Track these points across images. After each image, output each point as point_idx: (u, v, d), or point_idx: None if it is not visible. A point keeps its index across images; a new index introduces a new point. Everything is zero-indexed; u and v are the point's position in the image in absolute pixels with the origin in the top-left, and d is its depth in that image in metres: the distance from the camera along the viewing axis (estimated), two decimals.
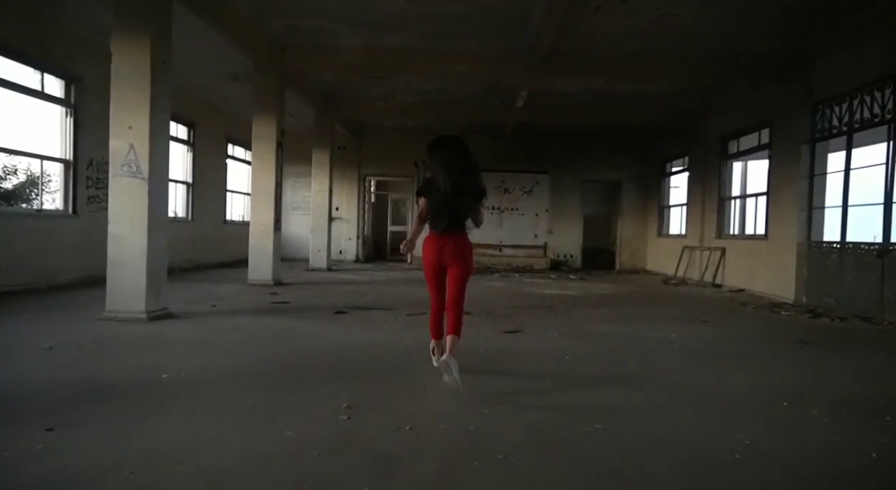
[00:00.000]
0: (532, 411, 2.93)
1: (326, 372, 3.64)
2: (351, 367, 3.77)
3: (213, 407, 2.87)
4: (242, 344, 4.37)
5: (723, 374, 3.87)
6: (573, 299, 8.09)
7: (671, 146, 13.49)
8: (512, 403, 3.06)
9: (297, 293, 7.77)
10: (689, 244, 11.95)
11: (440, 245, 3.45)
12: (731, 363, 4.20)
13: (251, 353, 4.07)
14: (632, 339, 5.13)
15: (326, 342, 4.55)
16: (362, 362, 3.93)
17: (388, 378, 3.53)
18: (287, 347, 4.32)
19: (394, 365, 3.89)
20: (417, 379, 3.53)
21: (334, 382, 3.38)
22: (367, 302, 7.11)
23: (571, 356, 4.29)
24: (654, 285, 10.90)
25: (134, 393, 3.03)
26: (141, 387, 3.15)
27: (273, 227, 8.54)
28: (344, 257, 15.02)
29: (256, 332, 4.90)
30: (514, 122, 12.53)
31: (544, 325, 5.76)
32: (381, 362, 3.95)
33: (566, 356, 4.28)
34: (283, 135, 8.83)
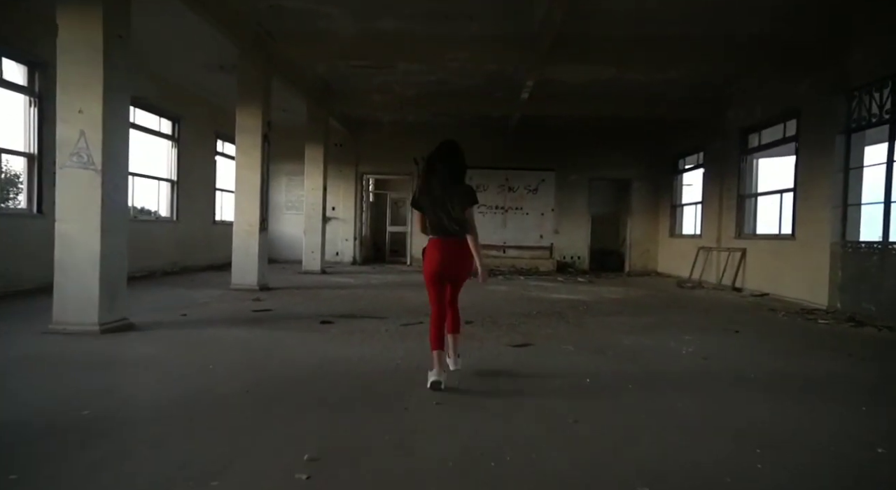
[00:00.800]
0: (553, 464, 2.25)
1: (293, 403, 2.97)
2: (325, 396, 3.10)
3: (130, 463, 2.19)
4: (200, 364, 3.70)
5: (789, 410, 3.15)
6: (584, 305, 7.41)
7: (684, 141, 12.78)
8: (525, 459, 2.36)
9: (283, 299, 7.11)
10: (704, 245, 11.24)
11: (441, 253, 3.41)
12: (791, 394, 3.49)
13: (206, 378, 3.40)
14: (659, 354, 4.44)
15: (302, 360, 3.88)
16: (340, 389, 3.25)
17: (369, 413, 2.85)
18: (253, 368, 3.64)
19: (379, 393, 3.20)
20: (406, 414, 2.85)
21: (300, 419, 2.71)
22: (359, 309, 6.44)
23: (594, 379, 3.60)
24: (668, 289, 10.20)
25: (36, 438, 2.36)
26: (49, 428, 2.48)
27: (259, 227, 7.87)
28: (341, 259, 14.36)
29: (223, 347, 4.22)
30: (519, 115, 11.84)
31: (556, 336, 5.08)
32: (364, 389, 3.28)
33: (587, 379, 3.59)
34: (271, 127, 8.17)
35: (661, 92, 10.61)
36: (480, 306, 6.78)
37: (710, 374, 3.88)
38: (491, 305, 7.04)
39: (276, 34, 7.73)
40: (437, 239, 3.43)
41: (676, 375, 3.79)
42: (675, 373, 3.87)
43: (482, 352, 4.34)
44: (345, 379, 3.44)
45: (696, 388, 3.48)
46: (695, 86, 10.14)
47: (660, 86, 10.25)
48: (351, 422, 2.70)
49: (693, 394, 3.35)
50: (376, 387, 3.30)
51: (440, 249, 3.40)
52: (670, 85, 10.15)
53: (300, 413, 2.80)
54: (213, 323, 5.21)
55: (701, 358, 4.33)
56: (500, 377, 3.62)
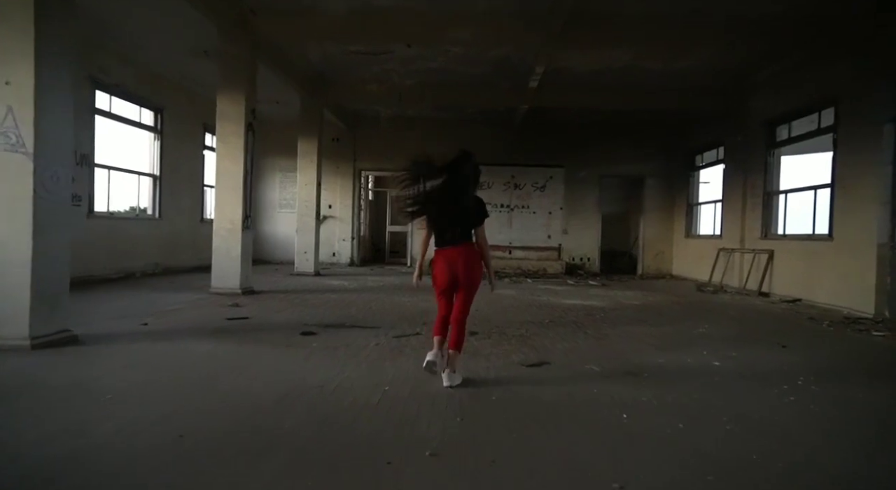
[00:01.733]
0: None
1: (235, 458, 2.22)
2: (282, 444, 2.35)
3: None
4: (136, 392, 2.96)
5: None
6: (601, 312, 6.65)
7: (702, 136, 12.00)
8: None
9: (266, 305, 6.38)
10: (725, 246, 10.46)
11: (450, 262, 3.34)
12: None
13: (133, 414, 2.65)
14: (704, 378, 3.68)
15: (265, 389, 3.14)
16: (304, 433, 2.50)
17: (337, 472, 2.11)
18: (200, 401, 2.90)
19: (355, 438, 2.46)
20: (389, 471, 2.11)
21: (239, 487, 1.97)
22: (349, 316, 5.71)
23: (632, 415, 2.85)
24: (688, 293, 9.43)
25: None
26: None
27: (241, 225, 7.15)
28: (337, 260, 13.63)
29: (173, 368, 3.49)
30: (526, 108, 11.08)
31: (576, 352, 4.33)
32: (337, 430, 2.53)
33: (623, 414, 2.84)
34: (256, 116, 7.45)
35: (678, 82, 9.85)
36: (486, 314, 6.04)
37: (783, 408, 3.12)
38: (498, 313, 6.30)
39: (260, 10, 7.01)
40: (445, 250, 3.37)
41: (738, 412, 3.03)
42: (733, 407, 3.11)
43: (489, 372, 3.60)
44: (313, 417, 2.69)
45: (772, 433, 2.72)
46: (715, 74, 9.37)
47: (677, 75, 9.49)
48: (311, 487, 1.96)
49: (772, 441, 2.60)
50: (354, 429, 2.56)
51: (449, 260, 3.33)
52: (688, 74, 9.39)
53: (238, 477, 2.05)
54: (175, 335, 4.47)
55: (757, 383, 3.57)
56: (510, 410, 2.88)
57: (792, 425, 2.78)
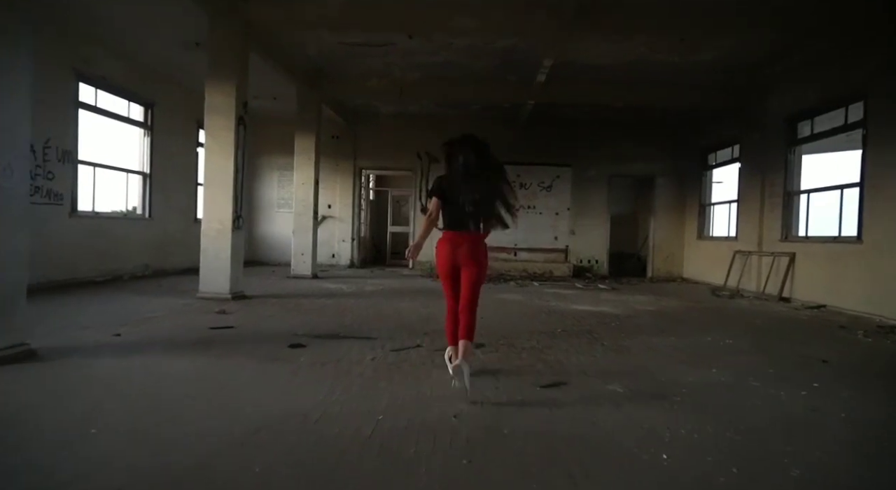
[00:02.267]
0: None
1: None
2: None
3: None
4: (76, 427, 2.49)
5: None
6: (616, 320, 6.18)
7: (716, 133, 11.51)
8: None
9: (256, 311, 5.93)
10: (742, 248, 9.98)
11: (454, 244, 3.29)
12: None
13: (62, 461, 2.20)
14: (747, 403, 3.21)
15: (240, 416, 2.69)
16: (276, 479, 2.05)
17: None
18: (154, 436, 2.42)
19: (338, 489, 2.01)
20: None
21: None
22: (344, 325, 5.26)
23: (671, 454, 2.38)
24: (703, 298, 8.96)
25: None
26: None
27: (231, 225, 6.71)
28: (337, 262, 13.19)
29: (133, 392, 3.04)
30: (533, 104, 10.63)
31: (594, 368, 3.87)
32: (316, 477, 2.08)
33: (662, 455, 2.37)
34: (247, 109, 7.00)
35: (692, 76, 9.38)
36: (492, 321, 5.58)
37: (853, 447, 2.65)
38: (505, 321, 5.84)
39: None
40: (454, 233, 3.30)
41: (799, 451, 2.56)
42: (791, 443, 2.64)
43: (500, 395, 3.15)
44: (290, 457, 2.23)
45: (854, 485, 2.26)
46: (732, 67, 8.89)
47: (692, 69, 9.02)
48: None
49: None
50: (336, 475, 2.10)
51: (456, 243, 3.28)
52: (704, 67, 8.91)
53: None
54: (148, 348, 4.03)
55: (810, 409, 3.10)
56: (527, 448, 2.42)
57: (872, 471, 2.32)
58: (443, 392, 3.17)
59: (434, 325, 5.31)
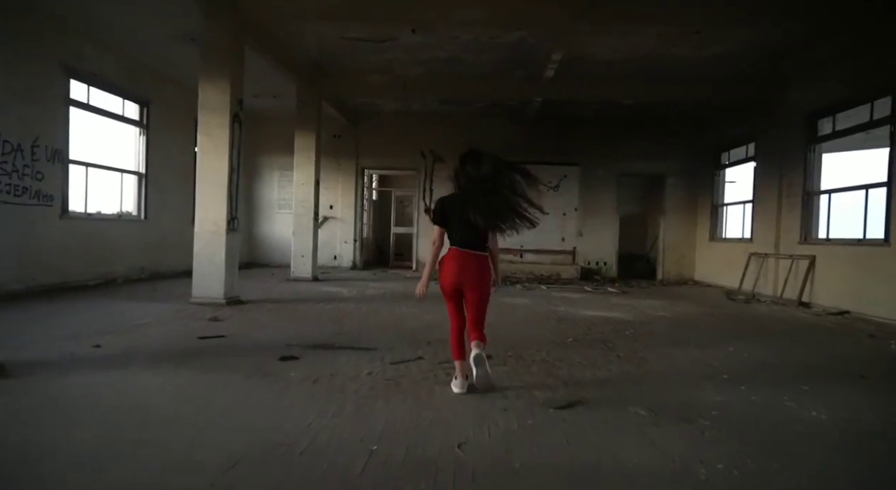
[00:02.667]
0: None
1: None
2: None
3: None
4: (29, 455, 2.21)
5: None
6: (630, 328, 5.84)
7: (730, 132, 11.14)
8: None
9: (250, 318, 5.63)
10: (757, 250, 9.61)
11: (461, 265, 3.22)
12: None
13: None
14: (786, 428, 2.87)
15: (217, 444, 2.38)
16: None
17: None
18: (113, 472, 2.14)
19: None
20: None
21: None
22: (342, 334, 4.95)
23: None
24: (718, 302, 8.60)
25: None
26: None
27: (226, 227, 6.42)
28: (339, 263, 12.89)
29: (102, 414, 2.73)
30: (540, 99, 10.30)
31: (612, 385, 3.54)
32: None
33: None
34: (243, 107, 6.71)
35: (707, 70, 9.01)
36: (498, 330, 5.26)
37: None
38: (512, 329, 5.52)
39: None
40: (461, 251, 3.25)
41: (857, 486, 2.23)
42: (848, 485, 2.31)
43: (509, 419, 2.82)
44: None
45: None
46: (748, 61, 8.53)
47: (706, 63, 8.66)
48: None
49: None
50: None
51: (462, 263, 3.23)
52: (719, 61, 8.55)
53: None
54: (127, 361, 3.73)
55: (862, 436, 2.77)
56: (542, 481, 2.10)
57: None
58: (446, 413, 2.86)
59: (437, 333, 5.00)
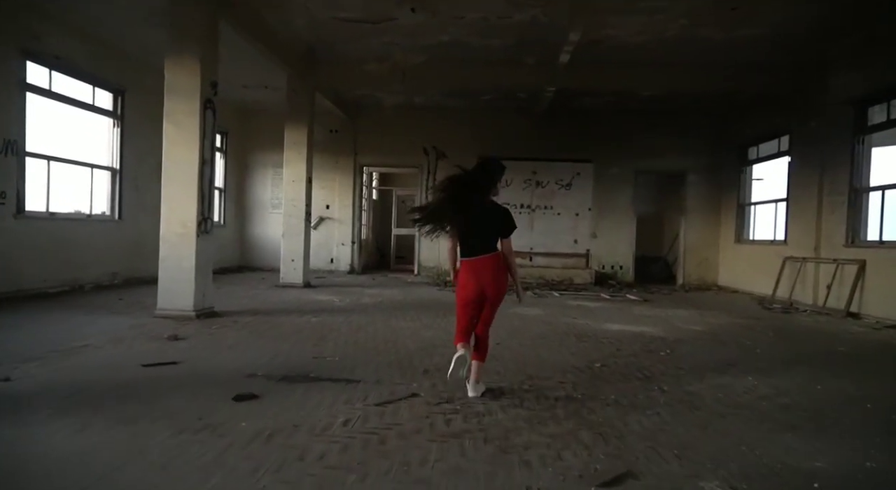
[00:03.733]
0: None
1: None
2: None
3: None
4: None
5: None
6: (664, 346, 4.97)
7: (759, 124, 10.21)
8: None
9: (218, 336, 4.80)
10: (793, 254, 8.70)
11: (477, 273, 3.21)
12: None
13: None
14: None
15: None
16: None
17: None
18: None
19: None
20: None
21: None
22: (323, 357, 4.10)
23: None
24: (753, 312, 7.69)
25: None
26: None
27: (196, 229, 5.61)
28: (336, 267, 12.06)
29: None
30: (553, 89, 9.42)
31: (665, 440, 2.66)
32: None
33: None
34: (217, 91, 5.89)
35: (738, 55, 8.12)
36: (511, 349, 4.41)
37: None
38: (527, 349, 4.65)
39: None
40: (471, 260, 3.24)
41: None
42: None
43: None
44: None
45: None
46: (785, 43, 7.62)
47: (738, 46, 7.77)
48: None
49: None
50: None
51: (474, 272, 3.22)
52: (752, 44, 7.66)
53: None
54: (35, 402, 2.88)
55: None
56: None
57: None
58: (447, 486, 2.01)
59: (438, 358, 4.16)
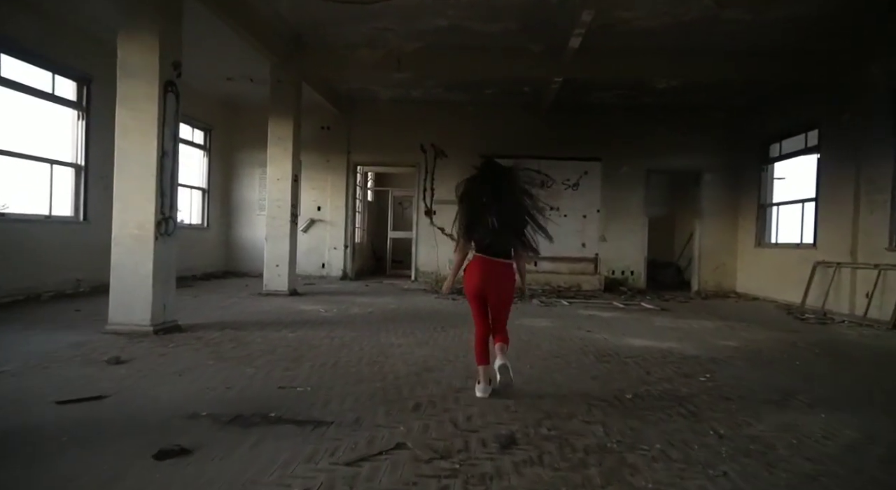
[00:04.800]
0: None
1: None
2: None
3: None
4: None
5: None
6: (701, 368, 4.19)
7: (783, 118, 9.47)
8: None
9: (170, 358, 4.02)
10: (825, 259, 7.95)
11: (485, 273, 3.27)
12: None
13: None
14: None
15: None
16: None
17: None
18: None
19: None
20: None
21: None
22: (290, 388, 3.34)
23: None
24: (786, 323, 6.92)
25: None
26: None
27: (155, 231, 4.84)
28: (328, 272, 11.29)
29: None
30: (561, 81, 8.70)
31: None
32: None
33: None
34: (180, 73, 5.13)
35: (765, 40, 7.41)
36: (520, 374, 3.63)
37: None
38: (541, 372, 3.89)
39: None
40: (485, 258, 3.28)
41: None
42: None
43: None
44: None
45: None
46: (821, 26, 6.89)
47: (766, 30, 7.06)
48: None
49: None
50: None
51: (486, 267, 3.26)
52: (784, 27, 6.95)
53: None
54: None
55: None
56: None
57: None
58: None
59: (433, 386, 3.41)
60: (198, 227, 10.65)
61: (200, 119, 10.33)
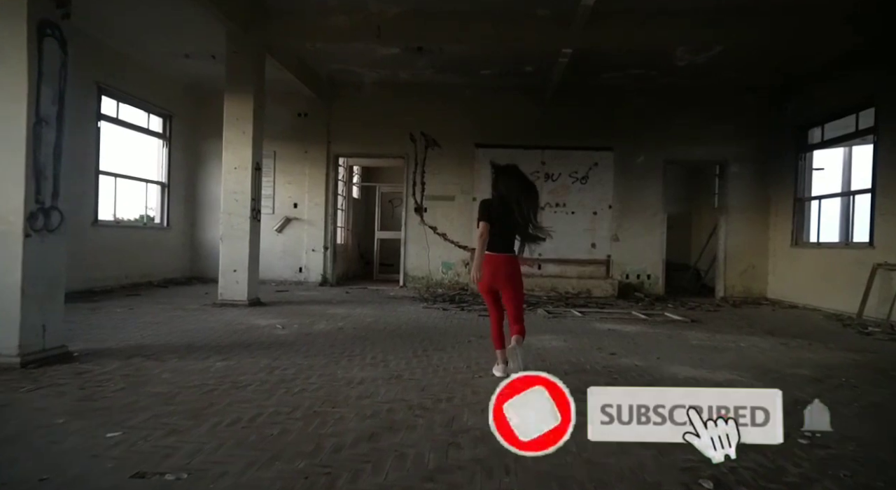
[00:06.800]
0: None
1: None
2: None
3: None
4: None
5: None
6: (786, 417, 2.90)
7: (828, 97, 8.16)
8: None
9: (21, 403, 2.74)
10: (887, 261, 6.66)
11: (495, 268, 3.57)
12: None
13: None
14: None
15: None
16: None
17: None
18: None
19: None
20: None
21: None
22: (159, 474, 2.05)
23: None
24: (851, 339, 5.62)
25: None
26: None
27: (27, 224, 3.56)
28: (305, 277, 9.99)
29: None
30: (570, 51, 7.39)
31: None
32: None
33: None
34: (68, 12, 3.85)
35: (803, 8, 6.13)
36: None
37: None
38: None
39: None
40: (495, 255, 3.58)
41: None
42: None
43: None
44: None
45: None
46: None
47: None
48: None
49: None
50: None
51: (496, 264, 3.57)
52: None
53: None
54: None
55: None
56: None
57: None
58: None
59: (395, 463, 2.09)
60: (156, 227, 9.36)
61: (157, 103, 9.04)
